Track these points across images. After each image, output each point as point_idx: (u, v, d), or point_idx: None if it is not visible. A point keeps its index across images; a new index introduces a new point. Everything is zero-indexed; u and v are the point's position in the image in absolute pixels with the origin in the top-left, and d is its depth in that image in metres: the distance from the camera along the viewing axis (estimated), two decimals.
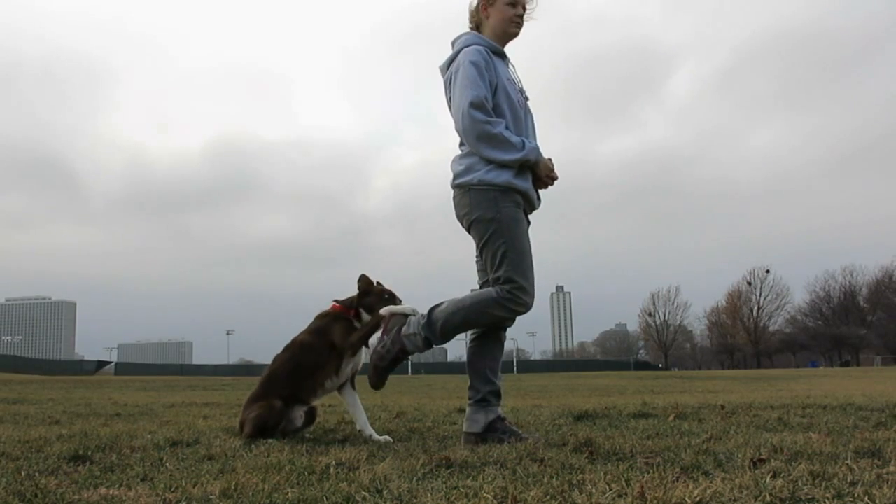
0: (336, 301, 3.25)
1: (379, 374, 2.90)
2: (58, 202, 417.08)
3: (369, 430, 3.10)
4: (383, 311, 3.02)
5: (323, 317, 3.23)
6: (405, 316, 2.97)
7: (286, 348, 3.20)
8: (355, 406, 3.19)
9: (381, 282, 3.26)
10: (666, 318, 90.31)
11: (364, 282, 3.25)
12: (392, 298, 3.17)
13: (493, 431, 2.86)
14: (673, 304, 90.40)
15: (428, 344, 2.87)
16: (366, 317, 3.15)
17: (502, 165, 2.83)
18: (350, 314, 3.17)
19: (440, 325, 2.84)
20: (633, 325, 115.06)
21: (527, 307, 2.85)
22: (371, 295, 3.19)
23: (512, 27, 3.04)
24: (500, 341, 3.03)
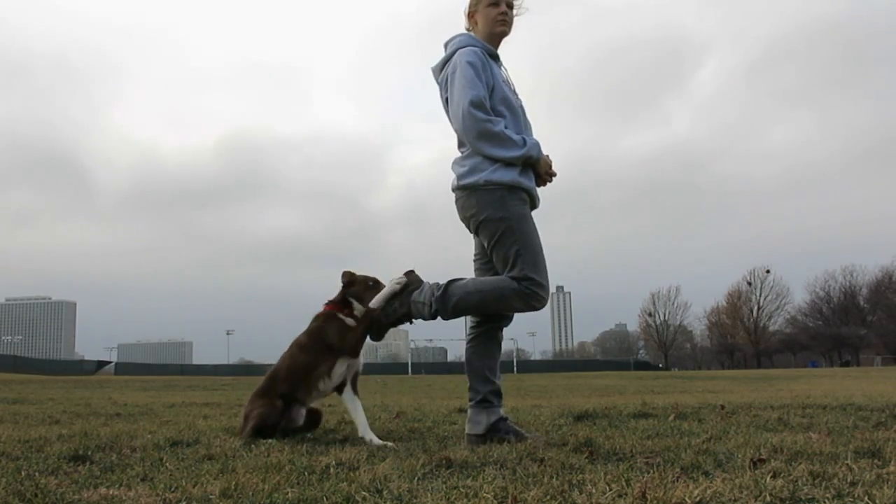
0: (327, 302, 3.22)
1: (380, 329, 3.01)
2: (64, 199, 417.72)
3: (370, 435, 2.97)
4: (372, 303, 3.03)
5: (317, 318, 3.20)
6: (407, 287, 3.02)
7: (289, 347, 3.20)
8: (356, 410, 3.08)
9: (380, 279, 3.21)
10: (666, 318, 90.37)
11: (347, 275, 3.22)
12: (376, 284, 3.14)
13: (496, 432, 2.86)
14: (673, 304, 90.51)
15: (434, 315, 2.89)
16: (357, 306, 3.12)
17: (507, 164, 2.82)
18: (342, 312, 3.14)
19: (454, 302, 2.85)
20: (633, 325, 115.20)
21: (543, 302, 2.85)
22: (356, 284, 3.17)
23: (498, 26, 3.01)
24: (498, 341, 3.03)
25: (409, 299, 2.94)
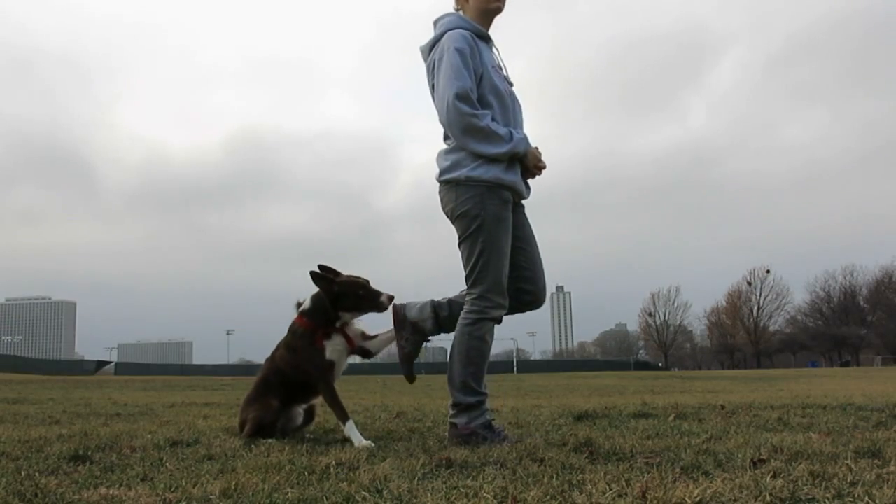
0: (302, 314, 2.98)
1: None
2: (68, 198, 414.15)
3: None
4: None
5: (293, 333, 3.01)
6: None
7: (273, 356, 3.10)
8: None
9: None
10: (666, 318, 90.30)
11: (325, 282, 2.90)
12: (367, 288, 2.93)
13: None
14: (673, 304, 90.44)
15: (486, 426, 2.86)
16: (347, 317, 2.95)
17: (491, 160, 2.78)
18: (319, 333, 2.92)
19: (463, 385, 2.87)
20: (633, 325, 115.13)
21: (502, 308, 2.84)
22: (347, 297, 2.90)
23: (493, 2, 2.92)
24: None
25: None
